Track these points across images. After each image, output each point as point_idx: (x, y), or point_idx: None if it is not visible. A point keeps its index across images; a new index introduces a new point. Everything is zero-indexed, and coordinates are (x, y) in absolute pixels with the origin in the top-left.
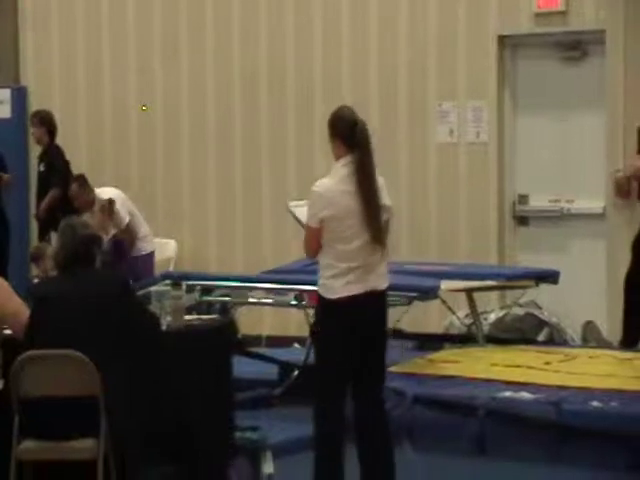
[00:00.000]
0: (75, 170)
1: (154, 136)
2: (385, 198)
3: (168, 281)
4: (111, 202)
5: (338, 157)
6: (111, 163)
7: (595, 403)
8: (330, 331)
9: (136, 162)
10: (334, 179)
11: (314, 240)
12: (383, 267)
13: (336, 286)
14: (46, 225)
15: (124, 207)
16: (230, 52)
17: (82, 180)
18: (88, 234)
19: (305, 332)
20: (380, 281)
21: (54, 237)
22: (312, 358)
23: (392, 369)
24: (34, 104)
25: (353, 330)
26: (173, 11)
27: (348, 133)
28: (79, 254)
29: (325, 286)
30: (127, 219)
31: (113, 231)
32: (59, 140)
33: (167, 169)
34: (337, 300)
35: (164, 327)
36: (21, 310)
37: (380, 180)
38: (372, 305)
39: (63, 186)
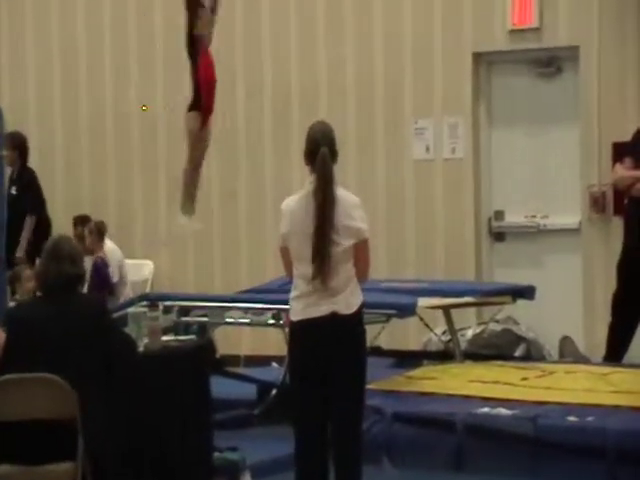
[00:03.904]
0: (51, 193)
1: (131, 157)
2: (355, 221)
3: (145, 302)
4: (103, 224)
5: (310, 171)
6: (88, 184)
7: (572, 418)
8: (293, 354)
9: (113, 183)
10: (299, 194)
11: (283, 259)
12: (349, 291)
13: (297, 308)
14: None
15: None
16: None
17: (91, 227)
18: (75, 254)
19: (283, 351)
20: (342, 305)
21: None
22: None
23: (371, 386)
24: (9, 124)
25: (314, 354)
26: (149, 25)
27: (311, 156)
28: (64, 276)
29: (290, 308)
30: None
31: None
32: (34, 162)
33: (144, 190)
34: (297, 322)
35: (141, 349)
36: None
37: (353, 200)
38: (332, 329)
39: (39, 213)
